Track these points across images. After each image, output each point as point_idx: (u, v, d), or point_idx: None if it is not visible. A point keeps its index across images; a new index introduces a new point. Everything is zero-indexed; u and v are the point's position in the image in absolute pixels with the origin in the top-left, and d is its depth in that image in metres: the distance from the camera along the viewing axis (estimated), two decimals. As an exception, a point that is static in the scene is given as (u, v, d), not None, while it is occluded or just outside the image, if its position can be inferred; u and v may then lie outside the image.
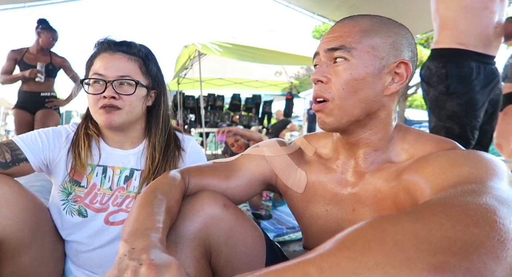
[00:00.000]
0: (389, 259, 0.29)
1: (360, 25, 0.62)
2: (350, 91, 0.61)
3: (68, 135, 0.94)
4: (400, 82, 0.62)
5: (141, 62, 0.92)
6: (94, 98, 0.87)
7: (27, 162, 0.85)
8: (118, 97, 0.86)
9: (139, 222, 0.53)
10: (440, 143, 0.61)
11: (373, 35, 0.61)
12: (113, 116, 0.87)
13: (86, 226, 0.91)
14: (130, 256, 0.43)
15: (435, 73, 1.42)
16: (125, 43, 0.92)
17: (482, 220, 0.32)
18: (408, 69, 0.62)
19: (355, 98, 0.61)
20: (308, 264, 0.31)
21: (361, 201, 0.67)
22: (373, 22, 0.63)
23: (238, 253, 0.68)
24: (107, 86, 0.86)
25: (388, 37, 0.62)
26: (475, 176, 0.45)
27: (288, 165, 0.77)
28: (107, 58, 0.88)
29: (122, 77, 0.87)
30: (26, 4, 4.05)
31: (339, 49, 0.61)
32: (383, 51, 0.61)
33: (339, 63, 0.61)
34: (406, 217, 0.34)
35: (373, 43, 0.61)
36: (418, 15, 3.78)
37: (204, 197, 0.68)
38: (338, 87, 0.61)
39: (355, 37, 0.61)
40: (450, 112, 1.38)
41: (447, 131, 1.38)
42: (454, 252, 0.28)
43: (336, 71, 0.62)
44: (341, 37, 0.62)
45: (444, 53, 1.43)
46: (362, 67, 0.60)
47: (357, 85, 0.61)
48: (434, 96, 1.43)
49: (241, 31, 5.13)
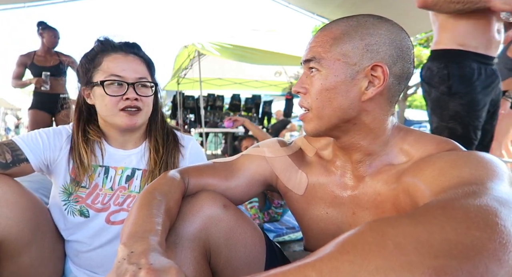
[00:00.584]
0: (389, 262, 0.28)
1: (332, 33, 0.61)
2: (323, 100, 0.61)
3: (69, 136, 0.93)
4: (378, 85, 0.59)
5: (147, 65, 0.95)
6: (113, 100, 0.86)
7: (28, 162, 0.85)
8: (139, 98, 0.89)
9: (138, 225, 0.52)
10: (440, 144, 0.61)
11: (344, 41, 0.59)
12: (136, 118, 0.89)
13: (88, 225, 0.91)
14: (129, 260, 0.42)
15: (437, 74, 1.42)
16: (136, 45, 0.94)
17: (483, 223, 0.32)
18: (384, 71, 0.58)
19: (329, 107, 0.61)
20: (308, 268, 0.31)
21: (361, 204, 0.66)
22: (348, 26, 0.61)
23: (238, 254, 0.68)
24: (128, 88, 0.87)
25: (360, 40, 0.59)
26: (476, 177, 0.44)
27: (289, 167, 0.77)
28: (122, 60, 0.89)
29: (140, 79, 0.90)
30: (26, 4, 4.04)
31: (310, 60, 0.62)
32: (354, 57, 0.59)
33: (313, 73, 0.62)
34: (407, 220, 0.34)
35: (343, 50, 0.59)
36: (418, 15, 3.77)
37: (203, 198, 0.68)
38: (313, 97, 0.62)
39: (325, 47, 0.61)
40: (453, 113, 1.38)
41: (450, 132, 1.38)
42: (455, 256, 0.28)
43: (311, 82, 0.63)
44: (314, 47, 0.62)
45: (445, 54, 1.42)
46: (332, 76, 0.60)
47: (330, 95, 0.60)
48: (436, 97, 1.43)
49: (241, 31, 5.13)
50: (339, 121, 0.62)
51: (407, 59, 0.61)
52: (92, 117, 0.96)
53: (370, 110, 0.62)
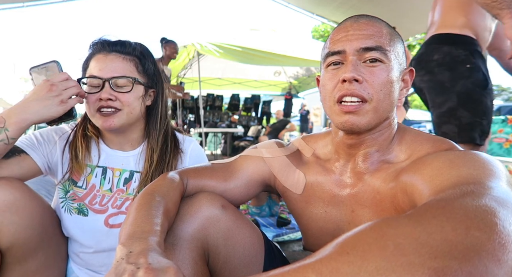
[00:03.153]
0: (389, 263, 0.28)
1: (384, 29, 0.63)
2: (386, 93, 0.60)
3: (64, 133, 0.93)
4: (406, 88, 0.66)
5: (137, 61, 0.90)
6: (91, 99, 0.85)
7: (26, 154, 0.84)
8: (115, 98, 0.84)
9: (137, 225, 0.52)
10: (437, 143, 0.61)
11: (396, 40, 0.63)
12: (112, 119, 0.85)
13: (86, 225, 0.90)
14: (127, 260, 0.42)
15: (465, 61, 1.25)
16: (119, 42, 0.89)
17: (482, 223, 0.32)
18: (412, 76, 0.66)
19: (388, 100, 0.61)
20: (307, 269, 0.31)
21: (360, 202, 0.66)
22: (388, 27, 0.64)
23: (237, 254, 0.67)
24: (103, 86, 0.84)
25: (401, 44, 0.64)
26: (473, 177, 0.45)
27: (287, 166, 0.77)
28: (101, 59, 0.86)
29: (117, 77, 0.85)
30: (25, 4, 4.04)
31: (375, 49, 0.59)
32: (401, 58, 0.64)
33: (375, 63, 0.60)
34: (407, 221, 0.34)
35: (397, 49, 0.63)
36: (418, 15, 3.78)
37: (202, 198, 0.68)
38: (377, 88, 0.59)
39: (386, 39, 0.61)
40: (486, 109, 1.26)
41: (482, 129, 1.26)
42: (455, 256, 0.28)
43: (372, 72, 0.59)
44: (374, 36, 0.60)
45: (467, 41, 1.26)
46: (394, 70, 0.61)
47: (391, 88, 0.61)
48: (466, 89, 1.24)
49: (240, 31, 5.12)
50: (387, 115, 0.63)
51: None
52: None
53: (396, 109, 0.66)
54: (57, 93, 0.77)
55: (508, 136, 3.53)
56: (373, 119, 0.61)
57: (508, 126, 3.57)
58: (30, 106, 0.75)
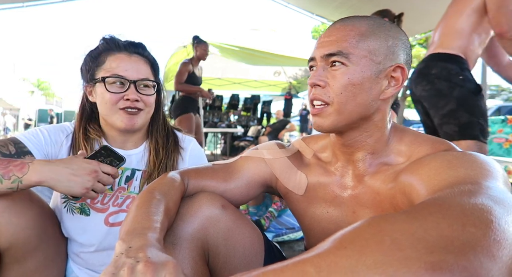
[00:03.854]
0: (386, 257, 0.29)
1: (357, 28, 0.61)
2: (348, 95, 0.61)
3: (69, 133, 0.93)
4: (396, 86, 0.62)
5: (151, 64, 0.95)
6: (113, 98, 0.86)
7: (31, 155, 0.84)
8: (140, 99, 0.88)
9: (137, 222, 0.53)
10: (435, 144, 0.61)
11: (371, 39, 0.61)
12: (136, 118, 0.88)
13: (87, 225, 0.90)
14: (127, 254, 0.43)
15: (457, 74, 1.50)
16: (140, 45, 0.93)
17: (478, 220, 0.33)
18: (404, 73, 0.62)
19: (353, 103, 0.61)
20: (306, 263, 0.31)
21: (361, 203, 0.67)
22: (370, 24, 0.62)
23: (236, 254, 0.68)
24: (129, 87, 0.86)
25: (385, 40, 0.61)
26: (471, 177, 0.45)
27: (288, 168, 0.77)
28: (125, 60, 0.88)
29: (143, 79, 0.89)
30: (24, 4, 4.04)
31: (336, 54, 0.60)
32: (380, 55, 0.61)
33: (336, 67, 0.61)
34: (404, 217, 0.34)
35: (370, 47, 0.60)
36: (417, 15, 3.78)
37: (202, 198, 0.68)
38: (337, 91, 0.61)
39: (352, 42, 0.60)
40: (483, 111, 1.47)
41: (481, 128, 1.45)
42: (451, 251, 0.29)
43: (334, 76, 0.61)
44: (337, 41, 0.61)
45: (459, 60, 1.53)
46: (359, 72, 0.60)
47: (355, 90, 0.60)
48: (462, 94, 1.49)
49: (240, 31, 5.13)
50: (358, 117, 0.63)
51: (411, 63, 0.66)
52: (93, 116, 0.96)
53: (382, 109, 0.64)
54: (91, 181, 0.74)
55: (507, 136, 3.53)
56: (337, 120, 0.62)
57: (508, 126, 3.57)
58: (59, 172, 0.72)
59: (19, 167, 0.70)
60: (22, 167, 0.70)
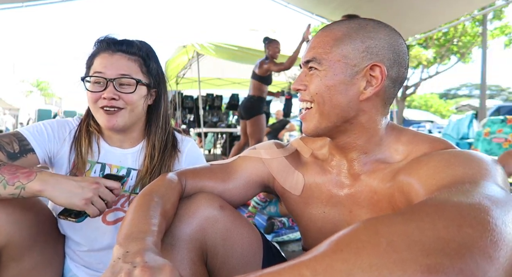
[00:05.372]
0: (382, 260, 0.29)
1: (333, 34, 0.63)
2: (324, 96, 0.63)
3: (71, 130, 0.94)
4: (376, 85, 0.61)
5: (141, 61, 0.91)
6: (93, 97, 0.86)
7: (34, 153, 0.84)
8: (118, 97, 0.86)
9: (134, 225, 0.53)
10: (433, 143, 0.61)
11: (345, 43, 0.62)
12: (115, 118, 0.86)
13: (85, 224, 0.90)
14: (124, 259, 0.43)
15: None
16: (125, 42, 0.91)
17: (475, 221, 0.32)
18: (382, 71, 0.60)
19: (329, 103, 0.63)
20: (302, 266, 0.31)
21: (357, 202, 0.67)
22: (349, 28, 0.63)
23: (235, 254, 0.68)
24: (107, 85, 0.85)
25: (361, 42, 0.61)
26: (469, 176, 0.45)
27: (286, 168, 0.77)
28: (107, 58, 0.87)
29: (123, 76, 0.86)
30: (24, 4, 4.04)
31: (311, 61, 0.64)
32: (355, 58, 0.61)
33: (312, 72, 0.65)
34: (400, 218, 0.34)
35: (344, 52, 0.62)
36: (417, 15, 3.78)
37: (200, 199, 0.68)
38: (313, 92, 0.64)
39: (326, 48, 0.63)
40: None
41: None
42: (447, 253, 0.28)
43: (310, 79, 0.65)
44: (314, 48, 0.65)
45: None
46: (331, 75, 0.62)
47: (330, 92, 0.62)
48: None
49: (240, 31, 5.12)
50: (338, 119, 0.63)
51: (402, 64, 0.64)
52: None
53: (367, 110, 0.63)
54: (92, 192, 0.73)
55: (507, 136, 3.54)
56: (319, 122, 0.65)
57: (507, 126, 3.58)
58: (62, 183, 0.72)
59: (26, 175, 0.70)
60: (29, 174, 0.71)
